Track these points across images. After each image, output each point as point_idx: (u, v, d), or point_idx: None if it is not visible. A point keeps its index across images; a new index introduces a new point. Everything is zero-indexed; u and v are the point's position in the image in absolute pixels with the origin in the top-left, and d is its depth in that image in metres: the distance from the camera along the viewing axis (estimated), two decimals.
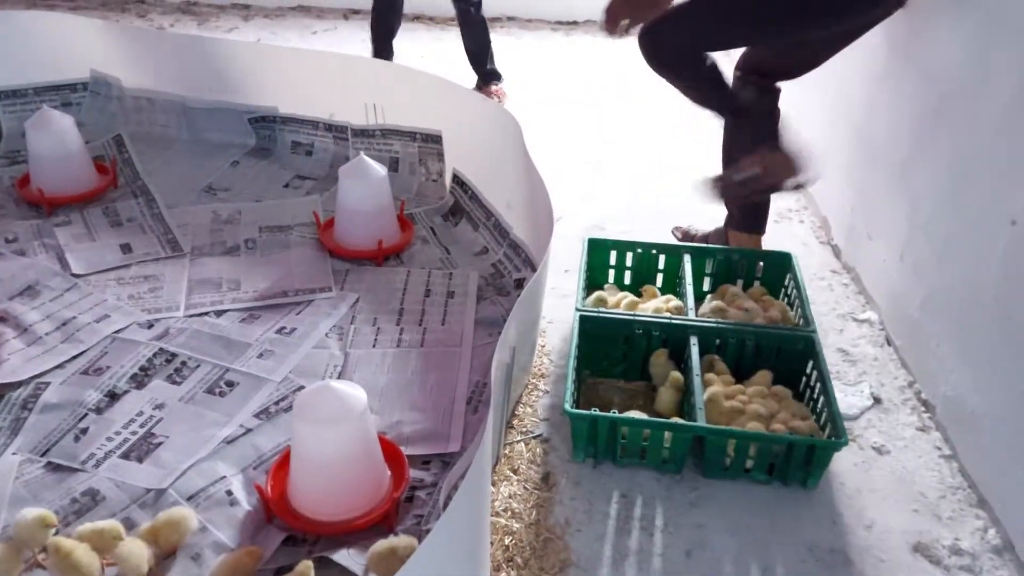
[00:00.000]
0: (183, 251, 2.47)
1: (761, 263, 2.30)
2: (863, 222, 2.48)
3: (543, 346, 2.22)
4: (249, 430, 1.85)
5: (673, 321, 2.04)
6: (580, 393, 2.02)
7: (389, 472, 1.71)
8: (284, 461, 1.70)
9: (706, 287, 2.34)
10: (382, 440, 1.75)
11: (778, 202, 2.93)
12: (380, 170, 2.44)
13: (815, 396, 1.91)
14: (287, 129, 2.97)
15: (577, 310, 2.07)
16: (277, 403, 1.93)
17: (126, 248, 2.48)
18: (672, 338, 2.04)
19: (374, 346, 2.11)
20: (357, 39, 4.07)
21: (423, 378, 2.01)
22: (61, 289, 2.27)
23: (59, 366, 2.01)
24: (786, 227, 2.80)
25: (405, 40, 4.30)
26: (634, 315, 2.06)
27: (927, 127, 2.09)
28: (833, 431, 1.76)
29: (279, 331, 2.15)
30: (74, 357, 2.04)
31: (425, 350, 2.10)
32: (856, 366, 2.17)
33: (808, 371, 1.98)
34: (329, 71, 2.82)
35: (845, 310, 2.38)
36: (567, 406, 1.76)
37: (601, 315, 2.06)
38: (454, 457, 1.78)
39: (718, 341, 2.03)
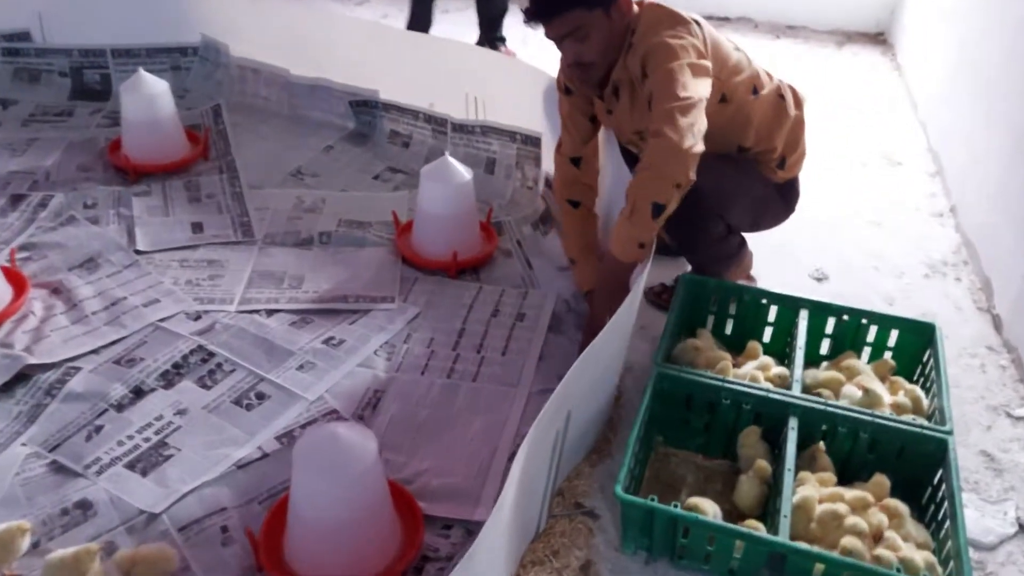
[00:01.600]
0: (254, 237, 2.33)
1: (896, 331, 1.89)
2: None
3: (618, 396, 1.92)
4: (266, 455, 1.66)
5: (771, 395, 1.69)
6: (647, 464, 1.72)
7: (399, 534, 1.47)
8: (284, 505, 1.50)
9: (824, 350, 1.96)
10: (399, 492, 1.52)
11: (932, 252, 2.48)
12: (464, 174, 2.19)
13: (940, 516, 1.52)
14: (387, 116, 2.78)
15: (656, 364, 1.75)
16: (303, 427, 1.73)
17: (197, 227, 2.36)
18: (768, 414, 1.69)
19: (423, 372, 1.88)
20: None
21: (467, 420, 1.76)
22: (121, 265, 2.17)
23: (95, 351, 1.90)
24: (938, 284, 2.35)
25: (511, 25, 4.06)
26: (723, 380, 1.72)
27: None
28: (956, 569, 1.38)
29: (326, 341, 1.96)
30: (112, 343, 1.93)
31: (477, 385, 1.85)
32: (1002, 478, 1.74)
33: (935, 482, 1.59)
34: (431, 57, 2.60)
35: (998, 401, 1.94)
36: (619, 489, 1.46)
37: (683, 374, 1.73)
38: (479, 528, 1.52)
39: (824, 427, 1.67)
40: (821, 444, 1.66)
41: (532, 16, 1.74)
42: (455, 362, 1.91)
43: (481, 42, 3.62)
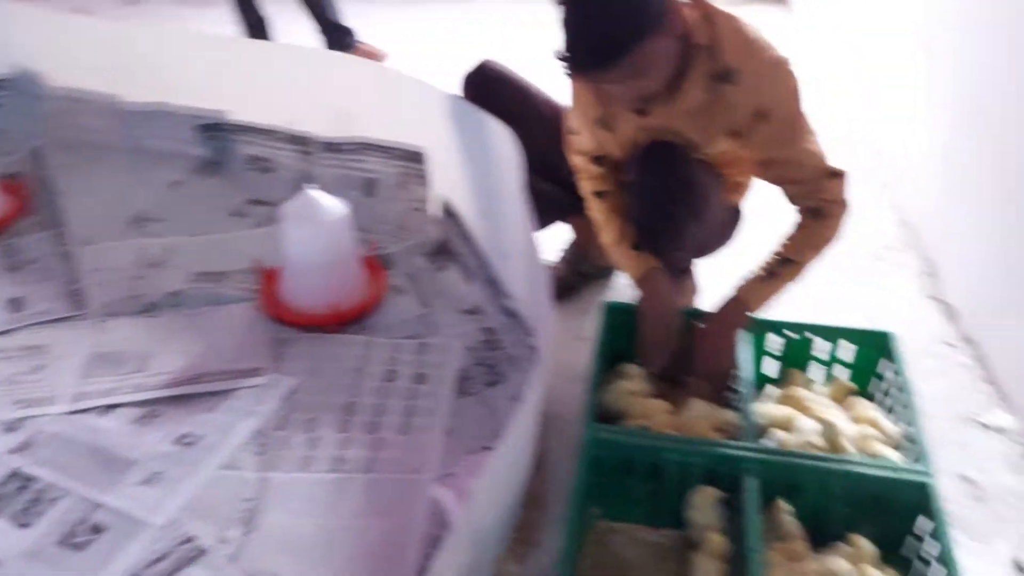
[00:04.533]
0: (87, 309, 1.92)
1: (852, 344, 1.65)
2: (1000, 271, 1.79)
3: (540, 454, 1.61)
4: None
5: (720, 450, 1.41)
6: (584, 544, 1.42)
7: None
8: None
9: (771, 370, 1.71)
10: None
11: (875, 239, 2.24)
12: (336, 208, 1.84)
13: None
14: (241, 139, 2.38)
15: (587, 426, 1.46)
16: (151, 565, 1.37)
17: (16, 305, 1.93)
18: (722, 472, 1.41)
19: (305, 468, 1.54)
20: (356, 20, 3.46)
21: (363, 527, 1.42)
22: None
23: None
24: (880, 272, 2.12)
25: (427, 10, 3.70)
26: (665, 439, 1.45)
27: None
28: None
29: (178, 440, 1.58)
30: None
31: (373, 477, 1.51)
32: (987, 506, 1.51)
33: (916, 532, 1.34)
34: (288, 68, 2.21)
35: (965, 409, 1.71)
36: None
37: (619, 438, 1.44)
38: None
39: (789, 481, 1.40)
40: (782, 503, 1.40)
41: (583, 69, 1.38)
42: (345, 448, 1.57)
43: (330, 45, 3.22)
